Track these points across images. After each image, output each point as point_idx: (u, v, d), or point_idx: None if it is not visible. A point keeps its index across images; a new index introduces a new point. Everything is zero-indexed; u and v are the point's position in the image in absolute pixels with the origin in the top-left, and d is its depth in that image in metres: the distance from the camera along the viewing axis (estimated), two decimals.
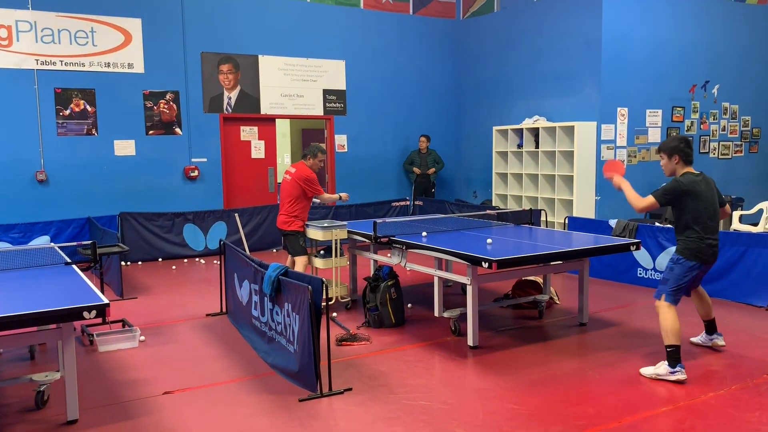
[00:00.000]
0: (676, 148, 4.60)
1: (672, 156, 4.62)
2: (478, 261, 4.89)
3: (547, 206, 10.11)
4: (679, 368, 4.41)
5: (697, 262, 4.55)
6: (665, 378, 4.43)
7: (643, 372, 4.55)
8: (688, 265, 4.55)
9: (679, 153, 4.60)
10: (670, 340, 4.45)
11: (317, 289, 4.18)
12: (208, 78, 10.23)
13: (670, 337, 4.46)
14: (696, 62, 10.42)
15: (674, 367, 4.41)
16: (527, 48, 10.80)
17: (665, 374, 4.43)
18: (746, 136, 11.37)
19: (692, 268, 4.56)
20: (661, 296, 4.62)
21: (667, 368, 4.43)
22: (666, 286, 4.61)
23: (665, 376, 4.43)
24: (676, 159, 4.61)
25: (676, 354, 4.43)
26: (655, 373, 4.48)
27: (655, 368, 4.52)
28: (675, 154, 4.61)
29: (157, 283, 7.98)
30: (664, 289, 4.63)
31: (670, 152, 4.63)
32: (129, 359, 5.14)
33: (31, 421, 4.01)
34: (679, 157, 4.60)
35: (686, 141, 4.64)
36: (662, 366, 4.47)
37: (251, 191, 10.82)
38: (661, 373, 4.45)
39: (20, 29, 8.93)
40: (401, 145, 11.94)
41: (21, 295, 4.00)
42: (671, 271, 4.61)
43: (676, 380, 4.39)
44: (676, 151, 4.60)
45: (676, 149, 4.60)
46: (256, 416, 4.01)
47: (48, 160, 9.23)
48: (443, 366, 4.87)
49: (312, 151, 6.69)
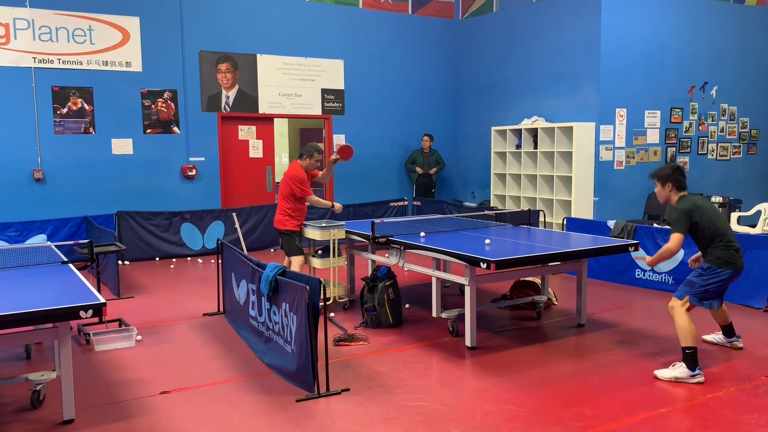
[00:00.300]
0: (670, 176, 4.76)
1: (665, 184, 4.78)
2: (477, 261, 4.88)
3: (546, 207, 10.11)
4: (699, 370, 4.43)
5: (729, 269, 4.59)
6: (685, 380, 4.42)
7: (660, 375, 4.52)
8: (719, 272, 4.59)
9: (672, 181, 4.76)
10: (689, 342, 4.46)
11: (315, 289, 4.17)
12: (206, 77, 10.21)
13: (688, 339, 4.47)
14: (695, 63, 10.42)
15: (694, 369, 4.43)
16: (526, 48, 10.79)
17: (685, 377, 4.43)
18: (744, 138, 11.37)
19: (723, 274, 4.60)
20: (684, 297, 4.63)
21: (687, 371, 4.44)
22: (691, 288, 4.64)
23: (686, 379, 4.43)
24: (669, 186, 4.77)
25: (694, 356, 4.45)
26: (674, 376, 4.46)
27: (672, 370, 4.50)
28: (668, 182, 4.77)
29: (154, 283, 7.96)
30: (688, 290, 4.65)
31: (663, 180, 4.79)
32: (125, 359, 5.12)
33: (26, 421, 3.99)
34: (672, 185, 4.76)
35: (679, 169, 4.81)
36: (680, 368, 4.47)
37: (249, 191, 10.80)
38: (680, 375, 4.45)
39: (18, 27, 8.90)
40: (399, 145, 11.93)
41: (17, 294, 3.98)
42: (700, 276, 4.65)
43: (696, 382, 4.41)
44: (669, 179, 4.77)
45: (670, 178, 4.76)
46: (253, 416, 4.00)
47: (45, 158, 9.21)
48: (441, 367, 4.86)
49: (308, 151, 6.65)
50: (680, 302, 4.62)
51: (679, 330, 4.54)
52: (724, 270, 4.59)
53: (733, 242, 4.64)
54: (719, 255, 4.61)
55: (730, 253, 4.60)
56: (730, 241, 4.62)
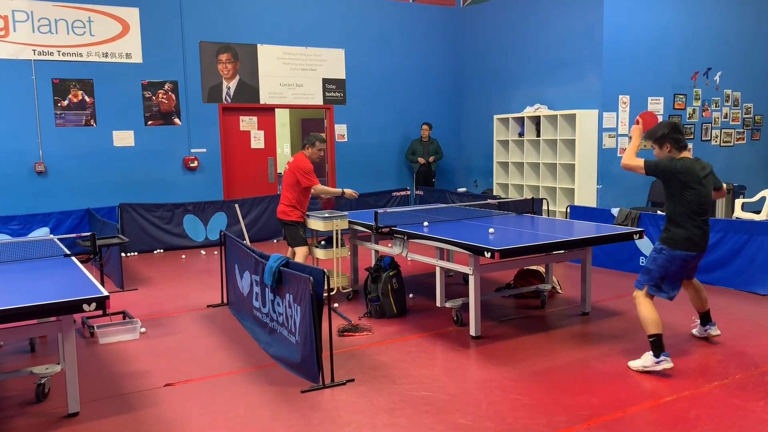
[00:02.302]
0: (666, 136, 4.38)
1: (663, 145, 4.42)
2: (480, 251, 4.86)
3: (549, 195, 10.07)
4: (664, 357, 4.29)
5: (684, 251, 4.36)
6: (652, 369, 4.31)
7: (631, 365, 4.44)
8: (673, 254, 4.38)
9: (669, 141, 4.39)
10: (651, 330, 4.35)
11: (318, 279, 4.15)
12: (207, 67, 10.16)
13: (650, 327, 4.35)
14: (698, 49, 10.34)
15: (658, 356, 4.30)
16: (528, 35, 10.72)
17: (651, 365, 4.32)
18: (748, 124, 11.30)
19: (679, 257, 4.38)
20: (643, 287, 4.49)
21: (651, 359, 4.31)
22: (648, 276, 4.48)
23: (651, 367, 4.32)
24: (668, 147, 4.41)
25: (659, 342, 4.32)
26: (642, 365, 4.36)
27: (641, 361, 4.40)
28: (666, 143, 4.41)
29: (158, 275, 7.95)
30: (645, 279, 4.49)
31: (660, 141, 4.43)
32: (130, 351, 5.12)
33: (31, 414, 3.99)
34: (671, 145, 4.40)
35: (675, 126, 4.41)
36: (647, 357, 4.36)
37: (251, 182, 10.78)
38: (647, 364, 4.34)
39: (17, 19, 8.86)
40: (401, 135, 11.88)
41: (21, 288, 3.97)
42: (654, 261, 4.46)
43: (662, 369, 4.29)
44: (666, 139, 4.39)
45: (666, 137, 4.39)
46: (257, 407, 3.99)
47: (47, 151, 9.19)
48: (445, 356, 4.85)
49: (311, 141, 6.64)
50: (641, 292, 4.49)
51: (641, 319, 4.42)
52: (676, 252, 4.35)
53: (697, 221, 4.33)
54: (672, 235, 4.35)
55: (684, 234, 4.32)
56: (697, 220, 4.32)
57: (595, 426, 3.63)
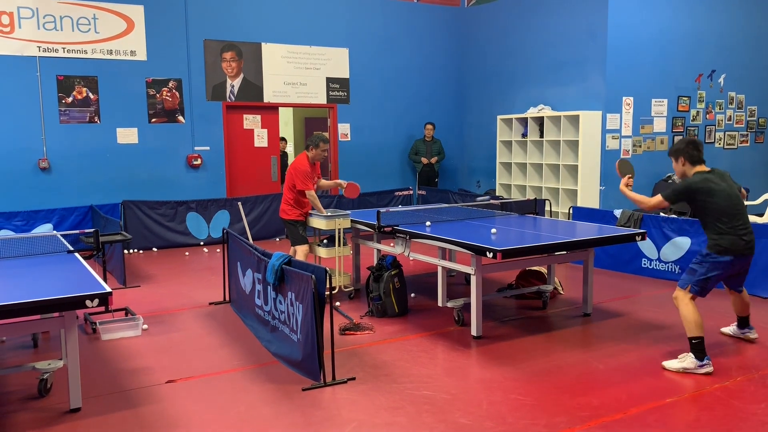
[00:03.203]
0: (680, 150, 4.66)
1: (678, 158, 4.67)
2: (483, 251, 4.86)
3: (552, 196, 10.07)
4: (707, 360, 4.38)
5: (729, 257, 4.48)
6: (693, 371, 4.37)
7: (668, 366, 4.47)
8: (719, 260, 4.50)
9: (683, 155, 4.64)
10: (694, 332, 4.41)
11: (320, 278, 4.16)
12: (211, 66, 10.18)
13: (693, 329, 4.41)
14: (702, 51, 10.32)
15: (702, 360, 4.38)
16: (532, 36, 10.71)
17: (693, 368, 4.38)
18: (752, 126, 11.29)
19: (723, 263, 4.49)
20: (686, 286, 4.56)
21: (694, 361, 4.39)
22: (693, 276, 4.56)
23: (694, 369, 4.38)
24: (682, 161, 4.65)
25: (701, 346, 4.39)
26: (682, 367, 4.41)
27: (680, 361, 4.45)
28: (680, 156, 4.66)
29: (160, 272, 7.97)
30: (690, 279, 4.57)
31: (675, 155, 4.69)
32: (132, 348, 5.14)
33: (34, 410, 4.01)
34: (685, 159, 4.64)
35: (693, 142, 4.66)
36: (688, 359, 4.42)
37: (254, 180, 10.79)
38: (688, 366, 4.40)
39: (22, 16, 8.88)
40: (405, 134, 11.89)
41: (24, 283, 3.98)
42: (700, 264, 4.56)
43: (705, 373, 4.35)
44: (680, 153, 4.66)
45: (681, 152, 4.65)
46: (259, 405, 4.00)
47: (51, 147, 9.21)
48: (447, 356, 4.86)
49: (314, 141, 6.63)
50: (683, 292, 4.56)
51: (684, 320, 4.49)
52: (722, 257, 4.48)
53: (740, 226, 4.48)
54: (717, 240, 4.49)
55: (731, 239, 4.46)
56: (735, 226, 4.47)
57: (595, 427, 3.64)
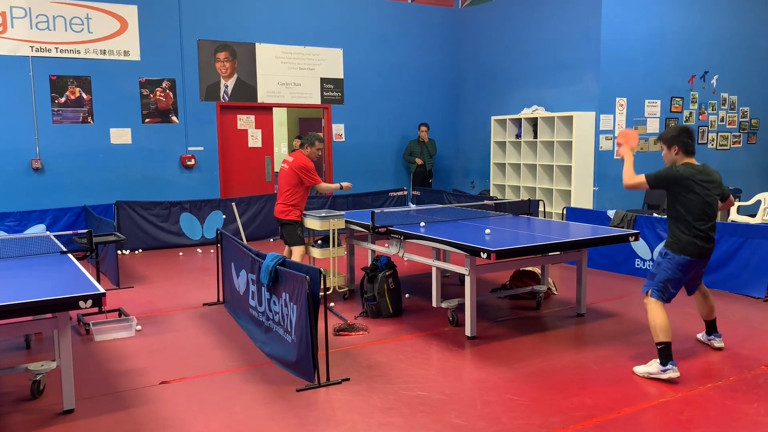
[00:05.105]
0: (676, 138, 4.45)
1: (671, 146, 4.48)
2: (477, 251, 4.87)
3: (545, 197, 10.09)
4: (671, 366, 4.27)
5: (687, 257, 4.38)
6: (657, 377, 4.29)
7: (636, 371, 4.43)
8: (676, 259, 4.40)
9: (678, 144, 4.45)
10: (660, 338, 4.32)
11: (315, 279, 4.16)
12: (205, 66, 10.15)
13: (659, 335, 4.33)
14: (695, 52, 10.37)
15: (665, 365, 4.28)
16: (526, 37, 10.74)
17: (657, 373, 4.30)
18: (745, 127, 11.34)
19: (681, 263, 4.39)
20: (647, 291, 4.51)
21: (658, 366, 4.30)
22: (653, 281, 4.49)
23: (657, 374, 4.30)
24: (676, 149, 4.47)
25: (667, 351, 4.30)
26: (647, 372, 4.35)
27: (646, 367, 4.39)
28: (674, 145, 4.46)
29: (154, 273, 7.95)
30: (650, 284, 4.51)
31: (669, 143, 4.49)
32: (125, 349, 5.12)
33: (26, 411, 3.99)
34: (679, 148, 4.45)
35: (687, 131, 4.48)
36: (653, 364, 4.35)
37: (248, 180, 10.78)
38: (652, 371, 4.32)
39: (15, 15, 8.84)
40: (399, 135, 11.89)
41: (16, 284, 3.97)
42: (659, 266, 4.49)
43: (668, 378, 4.26)
44: (675, 141, 4.46)
45: (676, 139, 4.45)
46: (253, 406, 4.00)
47: (43, 148, 9.17)
48: (441, 356, 4.86)
49: (309, 140, 6.64)
50: (652, 298, 4.48)
51: (651, 326, 4.39)
52: (679, 257, 4.37)
53: (702, 229, 4.34)
54: (678, 240, 4.38)
55: (688, 238, 4.34)
56: (696, 227, 4.33)
57: (589, 427, 3.65)
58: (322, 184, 6.65)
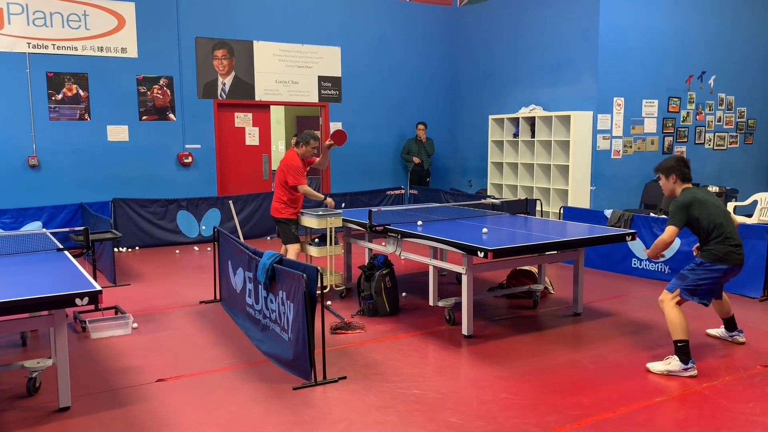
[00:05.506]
0: (673, 168, 4.71)
1: (669, 176, 4.72)
2: (474, 250, 4.87)
3: (543, 196, 10.10)
4: (691, 363, 4.39)
5: (722, 265, 4.52)
6: (678, 374, 4.37)
7: (652, 368, 4.48)
8: (712, 268, 4.53)
9: (676, 172, 4.70)
10: (680, 335, 4.41)
11: (312, 277, 4.16)
12: (203, 63, 10.14)
13: (679, 333, 4.42)
14: (692, 53, 10.39)
15: (686, 363, 4.38)
16: (524, 37, 10.74)
17: (678, 370, 4.38)
18: (741, 128, 11.37)
19: (716, 271, 4.53)
20: (674, 290, 4.58)
21: (679, 364, 4.39)
22: (682, 282, 4.58)
23: (678, 372, 4.38)
24: (674, 178, 4.71)
25: (687, 349, 4.40)
26: (666, 370, 4.42)
27: (665, 364, 4.46)
28: (672, 174, 4.71)
29: (151, 270, 7.94)
30: (679, 284, 4.59)
31: (667, 172, 4.73)
32: (122, 346, 5.11)
33: (22, 408, 3.98)
34: (677, 176, 4.70)
35: (683, 160, 4.75)
36: (673, 362, 4.42)
37: (245, 178, 10.77)
38: (673, 369, 4.40)
39: (12, 12, 8.82)
40: (396, 134, 11.89)
41: (12, 281, 3.96)
42: (692, 271, 4.59)
43: (689, 376, 4.35)
44: (673, 171, 4.71)
45: (674, 169, 4.70)
46: (249, 404, 4.00)
47: (40, 145, 9.15)
48: (437, 355, 4.87)
49: (304, 138, 6.62)
50: (671, 295, 4.57)
51: (669, 323, 4.50)
52: (716, 266, 4.52)
53: (732, 238, 4.55)
54: (713, 250, 4.54)
55: (725, 249, 4.52)
56: (728, 237, 4.54)
57: (585, 426, 3.65)
58: (305, 187, 6.53)
